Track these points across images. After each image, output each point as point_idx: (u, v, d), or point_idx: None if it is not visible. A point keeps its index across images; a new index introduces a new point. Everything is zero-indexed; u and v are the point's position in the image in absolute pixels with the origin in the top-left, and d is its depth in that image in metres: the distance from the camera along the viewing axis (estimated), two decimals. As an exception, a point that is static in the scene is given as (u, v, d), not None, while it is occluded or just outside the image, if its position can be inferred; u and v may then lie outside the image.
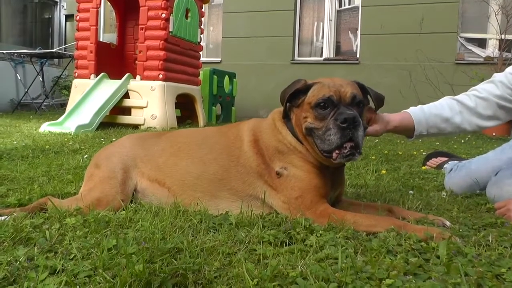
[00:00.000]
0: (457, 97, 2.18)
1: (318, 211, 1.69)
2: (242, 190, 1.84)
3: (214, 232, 1.58)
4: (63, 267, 1.22)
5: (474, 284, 1.13)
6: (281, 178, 1.78)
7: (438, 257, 1.33)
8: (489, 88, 2.14)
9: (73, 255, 1.29)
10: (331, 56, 10.48)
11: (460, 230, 1.65)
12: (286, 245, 1.45)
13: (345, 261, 1.25)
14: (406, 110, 2.13)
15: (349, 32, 10.50)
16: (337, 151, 1.66)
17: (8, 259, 1.24)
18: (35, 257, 1.27)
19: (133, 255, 1.25)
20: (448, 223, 1.74)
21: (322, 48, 10.62)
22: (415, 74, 9.09)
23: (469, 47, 9.29)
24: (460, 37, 9.25)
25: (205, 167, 1.90)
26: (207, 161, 1.91)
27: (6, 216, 1.69)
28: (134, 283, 1.09)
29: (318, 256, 1.32)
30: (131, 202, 1.93)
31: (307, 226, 1.57)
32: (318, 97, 1.72)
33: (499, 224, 1.75)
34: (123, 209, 1.80)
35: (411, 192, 2.37)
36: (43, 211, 1.79)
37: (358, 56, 10.09)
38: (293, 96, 1.81)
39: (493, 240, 1.49)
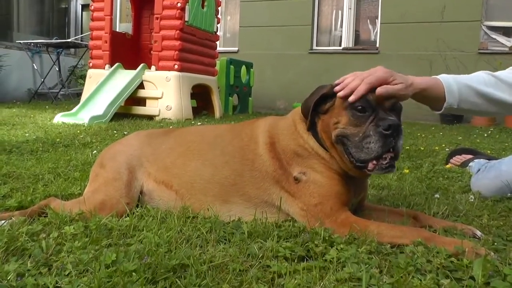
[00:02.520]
0: (493, 73, 1.90)
1: (339, 220, 1.54)
2: (257, 196, 1.69)
3: (225, 243, 1.45)
4: (57, 284, 1.11)
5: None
6: (299, 183, 1.63)
7: (472, 278, 1.19)
8: None
9: (68, 271, 1.18)
10: (350, 45, 10.26)
11: (495, 243, 1.49)
12: (303, 261, 1.31)
13: (369, 283, 1.12)
14: (436, 76, 1.82)
15: (369, 21, 10.25)
16: (374, 162, 1.50)
17: (-4, 277, 1.13)
18: (27, 274, 1.16)
19: (133, 273, 1.13)
20: (479, 233, 1.59)
21: (341, 37, 10.39)
22: (435, 64, 8.83)
23: (493, 36, 8.96)
24: (484, 25, 8.92)
25: (217, 170, 1.75)
26: (218, 163, 1.77)
27: (4, 221, 1.58)
28: (132, 308, 0.97)
29: (339, 275, 1.18)
30: (137, 206, 1.81)
31: (327, 237, 1.43)
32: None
33: (537, 236, 1.59)
34: (128, 215, 1.68)
35: (436, 196, 2.21)
36: (44, 215, 1.68)
37: (377, 45, 9.85)
38: (318, 103, 1.63)
39: (535, 258, 1.34)
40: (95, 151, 3.22)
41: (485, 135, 5.97)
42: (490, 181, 2.30)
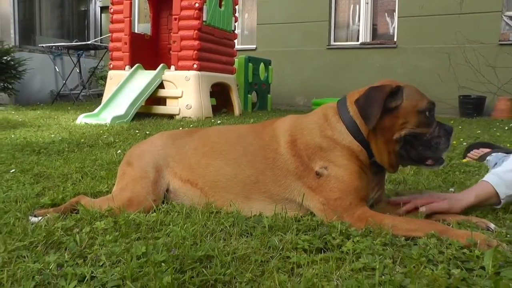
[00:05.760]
0: None
1: (356, 214, 1.61)
2: (278, 193, 1.77)
3: (247, 237, 1.53)
4: (92, 274, 1.20)
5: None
6: (320, 178, 1.70)
7: (483, 268, 1.24)
8: None
9: (102, 262, 1.27)
10: (368, 40, 10.23)
11: (508, 235, 1.54)
12: (321, 252, 1.39)
13: (383, 273, 1.18)
14: (482, 179, 1.90)
15: (386, 14, 10.21)
16: (434, 159, 1.72)
17: (40, 267, 1.23)
18: (65, 264, 1.26)
19: (162, 264, 1.22)
20: (492, 225, 1.63)
21: (358, 32, 10.38)
22: (454, 57, 8.76)
23: (515, 27, 8.82)
24: (505, 16, 8.79)
25: (239, 169, 1.84)
26: (241, 163, 1.85)
27: (40, 217, 1.70)
28: (163, 295, 1.06)
29: (354, 266, 1.25)
30: (163, 202, 1.90)
31: (343, 230, 1.50)
32: (427, 103, 1.69)
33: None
34: (155, 211, 1.77)
35: (451, 190, 2.25)
36: (75, 211, 1.79)
37: (395, 39, 9.80)
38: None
39: (547, 249, 1.38)
40: (119, 151, 3.34)
41: (506, 128, 5.91)
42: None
